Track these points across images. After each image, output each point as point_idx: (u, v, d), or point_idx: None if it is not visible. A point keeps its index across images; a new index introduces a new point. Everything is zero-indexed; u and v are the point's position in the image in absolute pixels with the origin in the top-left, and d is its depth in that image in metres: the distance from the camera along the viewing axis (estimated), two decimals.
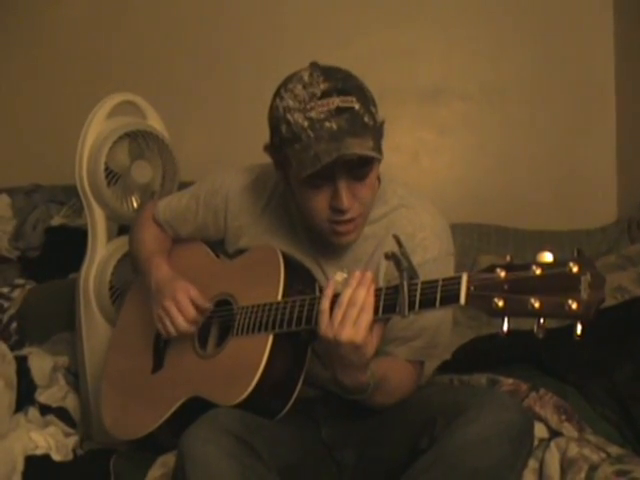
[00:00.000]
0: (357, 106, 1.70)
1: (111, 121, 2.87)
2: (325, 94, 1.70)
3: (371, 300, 1.60)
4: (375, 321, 1.62)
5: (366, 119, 1.71)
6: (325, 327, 1.62)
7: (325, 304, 1.64)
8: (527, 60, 4.21)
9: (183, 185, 2.55)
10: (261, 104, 1.90)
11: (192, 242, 2.22)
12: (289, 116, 1.72)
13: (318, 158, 1.67)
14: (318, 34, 4.28)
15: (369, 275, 1.63)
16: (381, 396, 1.81)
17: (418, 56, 4.30)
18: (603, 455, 1.94)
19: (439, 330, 1.93)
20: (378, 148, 1.73)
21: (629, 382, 2.15)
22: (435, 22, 4.27)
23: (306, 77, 1.74)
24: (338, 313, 1.61)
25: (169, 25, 4.50)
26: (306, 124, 1.69)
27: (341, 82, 1.72)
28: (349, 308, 1.60)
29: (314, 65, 1.78)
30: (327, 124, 1.68)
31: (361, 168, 1.74)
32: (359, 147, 1.67)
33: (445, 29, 4.26)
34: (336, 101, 1.69)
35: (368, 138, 1.69)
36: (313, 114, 1.69)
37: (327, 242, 1.88)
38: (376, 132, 1.75)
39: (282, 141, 1.75)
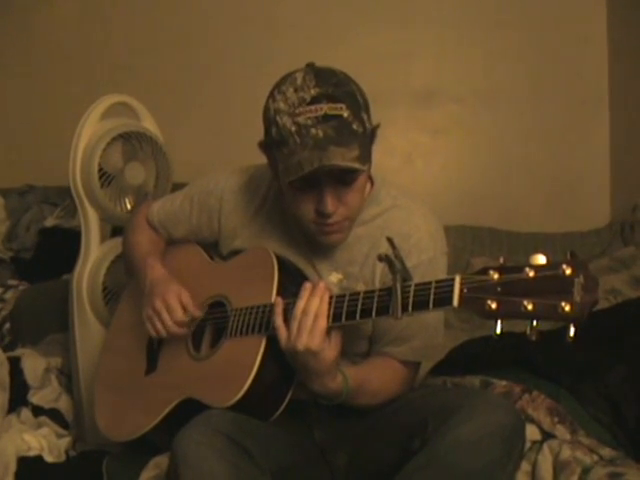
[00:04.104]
0: (346, 114, 1.70)
1: (105, 122, 2.87)
2: (314, 100, 1.70)
3: (325, 308, 1.68)
4: (332, 328, 1.69)
5: (354, 127, 1.71)
6: (284, 340, 1.71)
7: (278, 321, 1.73)
8: (520, 63, 4.21)
9: (177, 187, 2.55)
10: (254, 106, 1.90)
11: (186, 244, 2.22)
12: (279, 119, 1.73)
13: (301, 165, 1.68)
14: (312, 36, 4.28)
15: (321, 285, 1.71)
16: (363, 398, 1.85)
17: (411, 58, 4.30)
18: (596, 457, 1.94)
19: (437, 329, 1.96)
20: (365, 156, 1.73)
21: (622, 384, 2.15)
22: (428, 25, 4.27)
23: (299, 80, 1.74)
24: (293, 324, 1.69)
25: (163, 27, 4.49)
26: (293, 129, 1.70)
27: (332, 88, 1.72)
28: (303, 318, 1.67)
29: (310, 67, 1.78)
30: (313, 131, 1.68)
31: (347, 175, 1.75)
32: (341, 157, 1.67)
33: (438, 31, 4.26)
34: (324, 108, 1.69)
35: (354, 147, 1.69)
36: (301, 119, 1.69)
37: (319, 242, 1.89)
38: (365, 139, 1.75)
39: (272, 142, 1.77)
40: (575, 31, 4.16)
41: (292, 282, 1.83)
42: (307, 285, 1.72)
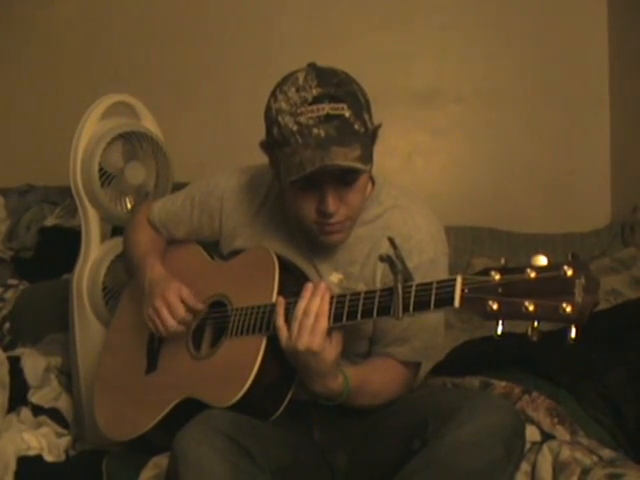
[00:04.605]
0: (348, 113, 1.70)
1: (105, 122, 2.86)
2: (316, 100, 1.70)
3: (326, 308, 1.68)
4: (333, 328, 1.68)
5: (356, 126, 1.71)
6: (285, 340, 1.71)
7: (280, 321, 1.73)
8: (521, 63, 4.22)
9: (177, 186, 2.55)
10: (255, 105, 1.90)
11: (187, 244, 2.22)
12: (280, 119, 1.73)
13: (302, 165, 1.68)
14: (312, 36, 4.28)
15: (323, 285, 1.71)
16: (364, 398, 1.85)
17: (412, 58, 4.31)
18: (595, 458, 1.94)
19: (438, 330, 1.96)
20: (366, 156, 1.72)
21: (621, 385, 2.15)
22: (429, 24, 4.28)
23: (301, 80, 1.74)
24: (294, 325, 1.69)
25: (163, 26, 4.50)
26: (295, 129, 1.70)
27: (334, 88, 1.72)
28: (304, 318, 1.67)
29: (311, 67, 1.78)
30: (315, 130, 1.68)
31: (348, 175, 1.75)
32: (343, 157, 1.67)
33: (439, 31, 4.27)
34: (326, 108, 1.70)
35: (356, 147, 1.69)
36: (302, 119, 1.70)
37: (321, 242, 1.89)
38: (366, 139, 1.75)
39: (274, 142, 1.77)
40: (576, 31, 4.17)
41: (293, 282, 1.83)
42: (309, 285, 1.72)
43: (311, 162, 1.67)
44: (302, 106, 1.70)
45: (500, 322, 1.40)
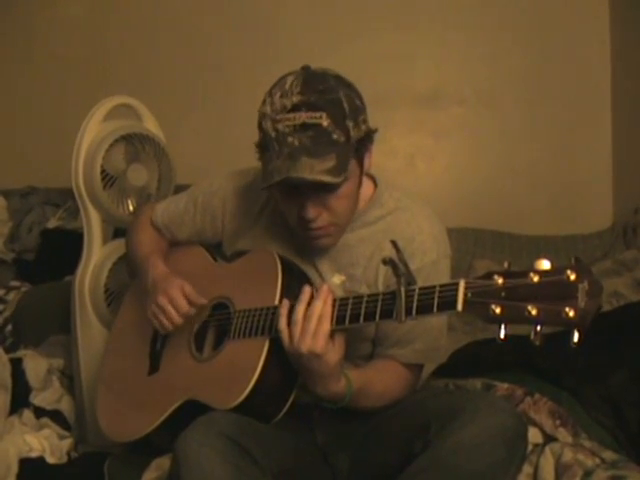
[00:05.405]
0: (325, 123, 1.70)
1: (107, 124, 2.87)
2: (295, 107, 1.71)
3: (328, 311, 1.68)
4: (335, 330, 1.68)
5: (335, 136, 1.71)
6: (288, 343, 1.70)
7: (283, 323, 1.72)
8: (523, 65, 4.21)
9: (179, 188, 2.55)
10: (256, 108, 1.90)
11: (190, 245, 2.22)
12: (264, 123, 1.75)
13: (271, 174, 1.70)
14: (313, 38, 4.28)
15: (325, 288, 1.70)
16: (366, 401, 1.85)
17: (414, 60, 4.30)
18: (597, 460, 1.95)
19: (441, 332, 1.96)
20: (341, 167, 1.71)
21: (623, 387, 2.15)
22: (431, 26, 4.27)
23: (287, 84, 1.74)
24: (297, 327, 1.68)
25: (166, 28, 4.50)
26: (273, 135, 1.72)
27: (316, 95, 1.71)
28: (307, 321, 1.67)
29: (303, 70, 1.79)
30: (290, 139, 1.70)
31: (326, 183, 1.73)
32: (309, 170, 1.67)
33: (441, 33, 4.27)
34: (303, 117, 1.70)
35: (331, 158, 1.69)
36: (280, 127, 1.71)
37: (308, 245, 1.89)
38: (346, 149, 1.74)
39: (260, 145, 1.79)
40: (578, 33, 4.16)
41: (296, 284, 1.83)
42: (307, 288, 1.72)
43: (278, 172, 1.69)
44: (281, 113, 1.71)
45: (503, 326, 1.40)
